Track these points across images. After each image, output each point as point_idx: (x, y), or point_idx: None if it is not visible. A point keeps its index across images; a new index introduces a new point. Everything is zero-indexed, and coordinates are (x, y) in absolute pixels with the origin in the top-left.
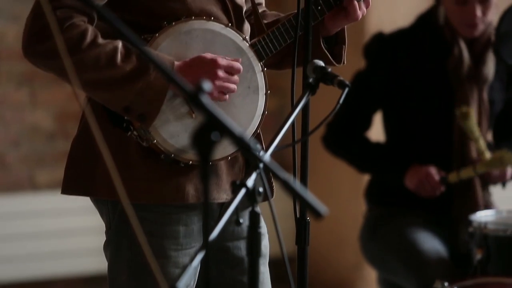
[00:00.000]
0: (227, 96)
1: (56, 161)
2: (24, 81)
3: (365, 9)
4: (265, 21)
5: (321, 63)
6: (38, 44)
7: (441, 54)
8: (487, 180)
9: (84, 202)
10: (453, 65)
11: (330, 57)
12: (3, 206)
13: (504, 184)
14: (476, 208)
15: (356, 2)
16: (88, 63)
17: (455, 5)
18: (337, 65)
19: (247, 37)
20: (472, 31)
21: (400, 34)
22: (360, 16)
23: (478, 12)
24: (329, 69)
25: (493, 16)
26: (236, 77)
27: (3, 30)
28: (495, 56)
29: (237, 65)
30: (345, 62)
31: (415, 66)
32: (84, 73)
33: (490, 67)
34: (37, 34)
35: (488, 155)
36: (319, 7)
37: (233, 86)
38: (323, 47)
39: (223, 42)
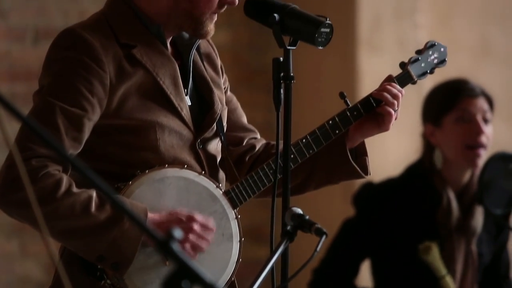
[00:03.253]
0: (197, 256)
1: None
2: (14, 232)
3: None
4: (258, 147)
5: (299, 211)
6: (12, 193)
7: (431, 204)
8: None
9: None
10: (441, 216)
11: (359, 171)
12: None
13: None
14: None
15: (392, 110)
16: (63, 212)
17: (456, 124)
18: (365, 177)
19: (221, 185)
20: (476, 153)
21: (390, 184)
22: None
23: (484, 127)
24: (307, 217)
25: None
26: (209, 238)
27: None
28: (479, 205)
29: (212, 223)
30: (371, 173)
31: (404, 216)
32: (59, 222)
33: (478, 220)
34: (11, 184)
35: None
36: (355, 112)
37: (204, 245)
38: (352, 161)
39: (196, 189)
